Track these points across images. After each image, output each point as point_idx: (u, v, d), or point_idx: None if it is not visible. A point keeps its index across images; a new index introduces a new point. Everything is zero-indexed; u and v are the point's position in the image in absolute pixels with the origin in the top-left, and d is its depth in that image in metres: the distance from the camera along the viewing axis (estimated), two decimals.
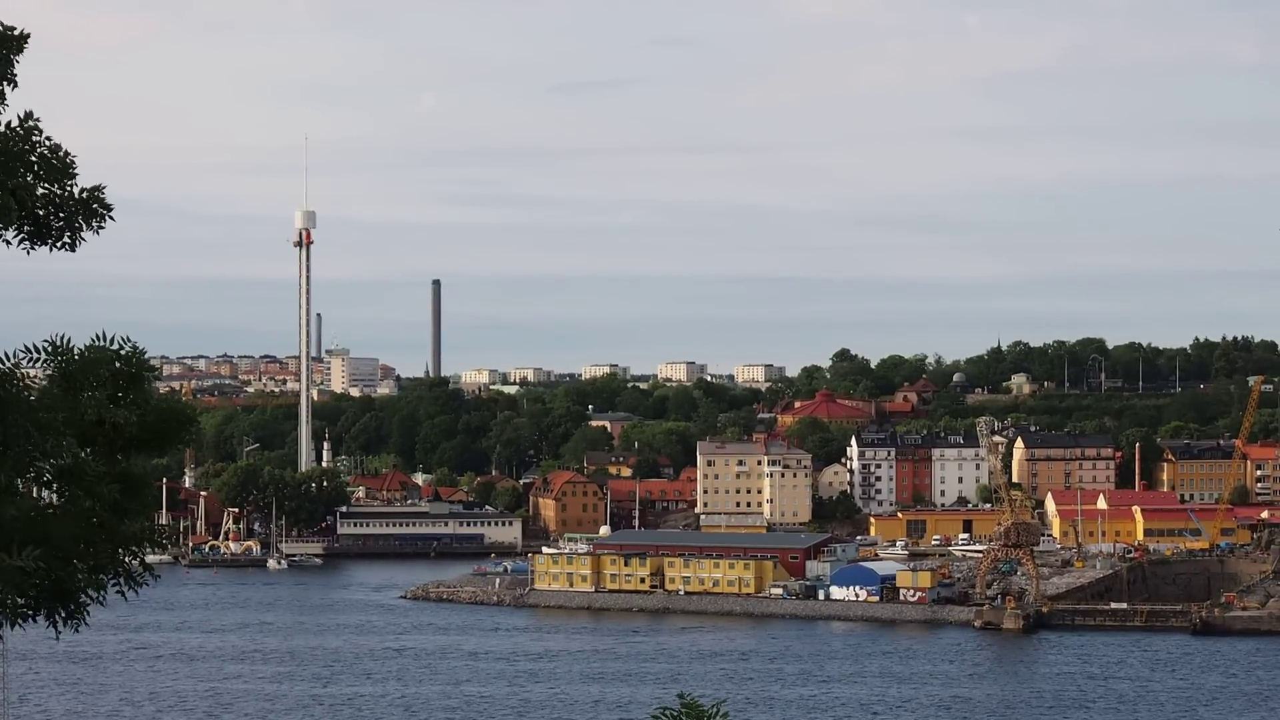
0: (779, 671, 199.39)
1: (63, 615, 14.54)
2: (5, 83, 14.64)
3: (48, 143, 14.62)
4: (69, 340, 14.63)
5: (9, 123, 14.55)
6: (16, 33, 14.59)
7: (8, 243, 14.67)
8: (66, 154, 14.68)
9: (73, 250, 14.98)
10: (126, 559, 14.90)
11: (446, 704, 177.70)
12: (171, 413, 14.98)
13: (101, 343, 14.57)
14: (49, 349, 14.47)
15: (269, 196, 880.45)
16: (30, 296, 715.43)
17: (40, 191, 14.67)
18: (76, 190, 14.83)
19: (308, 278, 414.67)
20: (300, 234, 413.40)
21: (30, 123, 14.54)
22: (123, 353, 14.73)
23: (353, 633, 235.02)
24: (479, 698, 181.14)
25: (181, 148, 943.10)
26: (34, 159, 14.52)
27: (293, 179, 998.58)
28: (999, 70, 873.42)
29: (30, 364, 14.49)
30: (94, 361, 14.51)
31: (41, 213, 14.68)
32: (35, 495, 14.45)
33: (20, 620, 14.38)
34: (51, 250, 14.84)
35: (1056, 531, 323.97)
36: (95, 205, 14.89)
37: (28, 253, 14.82)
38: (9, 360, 14.33)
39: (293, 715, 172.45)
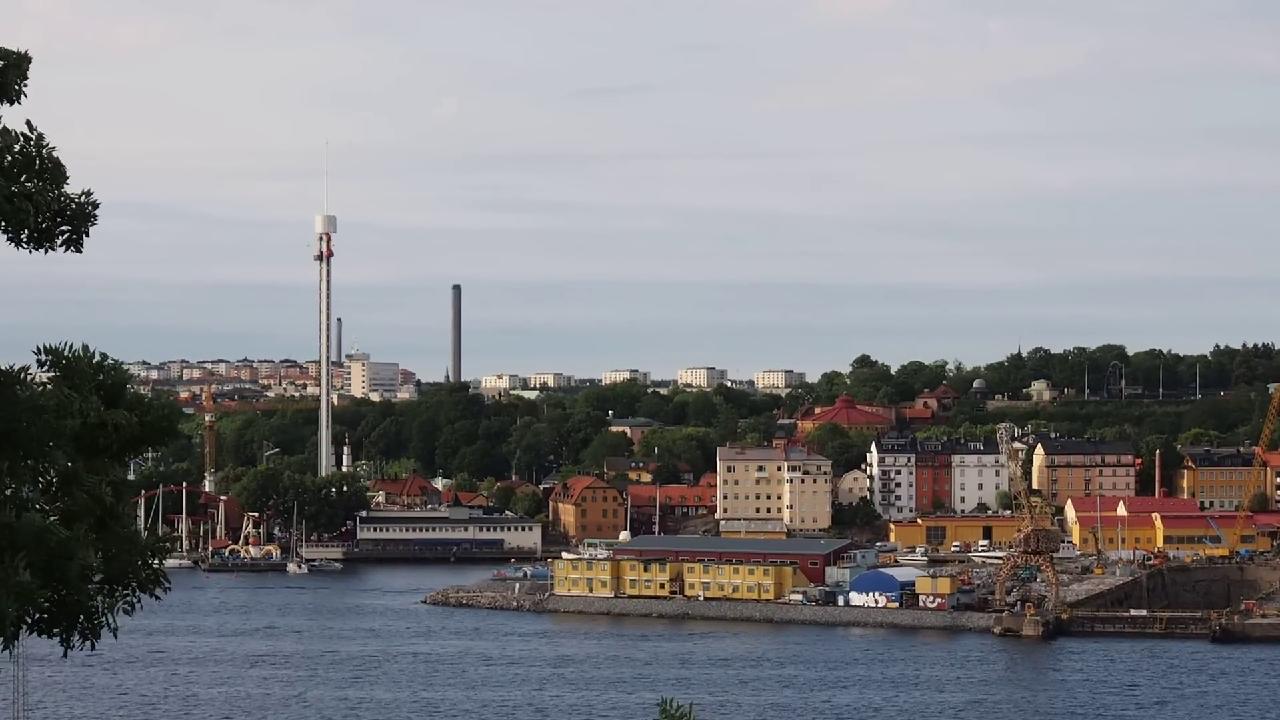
0: (795, 677, 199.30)
1: (77, 632, 14.73)
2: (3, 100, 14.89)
3: (48, 150, 14.85)
4: (71, 345, 14.86)
5: (16, 130, 14.76)
6: (16, 55, 14.88)
7: (19, 245, 14.89)
8: (57, 158, 14.94)
9: (79, 251, 15.21)
10: (143, 570, 15.10)
11: (465, 709, 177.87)
12: (165, 411, 15.27)
13: (84, 354, 14.83)
14: (50, 353, 14.69)
15: (290, 201, 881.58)
16: (50, 300, 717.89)
17: (47, 196, 14.91)
18: (73, 194, 15.07)
19: (328, 283, 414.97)
20: (321, 239, 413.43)
21: (36, 131, 14.78)
22: (106, 364, 14.99)
23: (372, 637, 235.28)
24: (498, 703, 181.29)
25: (202, 152, 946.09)
26: (37, 165, 14.76)
27: (314, 184, 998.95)
28: (1020, 77, 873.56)
29: (38, 367, 14.71)
30: (84, 370, 14.75)
31: (45, 215, 14.91)
32: (42, 502, 14.63)
33: (29, 634, 14.61)
34: (47, 252, 15.03)
35: (1076, 538, 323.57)
36: (88, 208, 15.15)
37: (30, 253, 15.03)
38: (24, 373, 14.55)
39: (312, 719, 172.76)
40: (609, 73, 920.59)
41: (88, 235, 15.23)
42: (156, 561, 15.21)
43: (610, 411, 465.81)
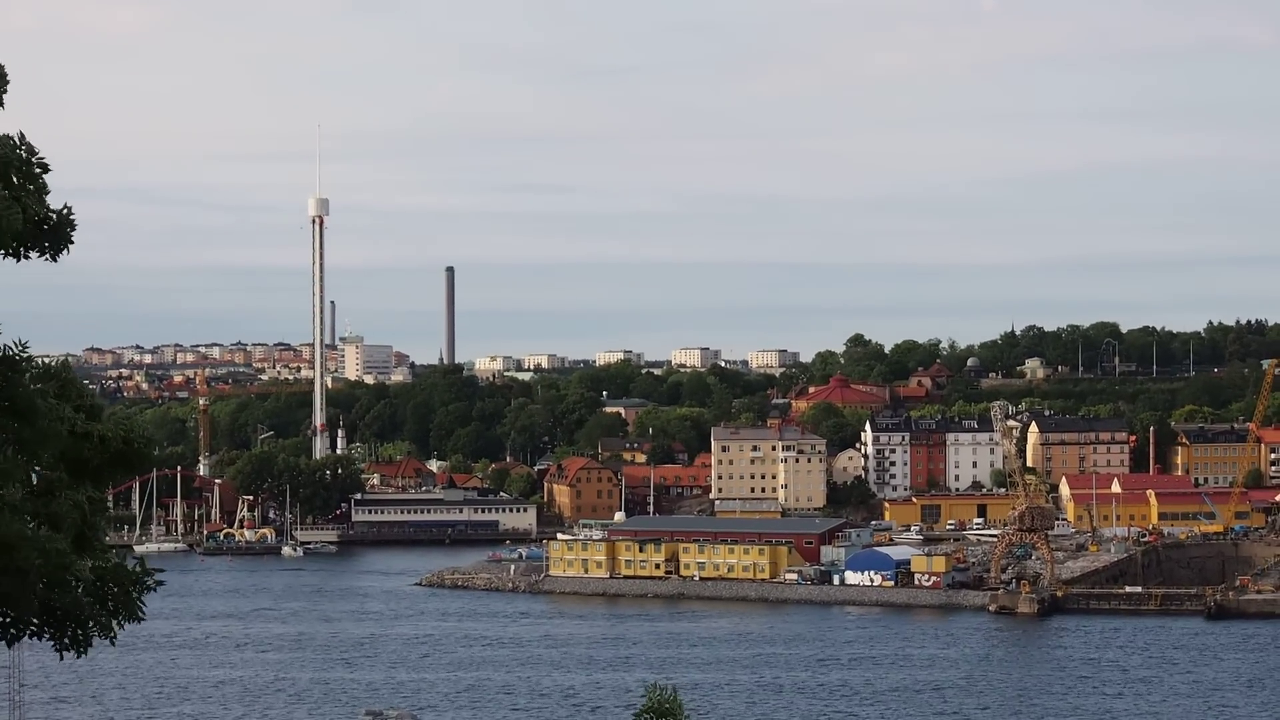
0: (791, 657, 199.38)
1: (68, 639, 14.86)
2: None
3: (37, 159, 14.83)
4: (65, 360, 14.96)
5: (8, 136, 14.76)
6: None
7: (5, 253, 14.88)
8: (45, 170, 14.94)
9: (54, 261, 15.21)
10: (128, 603, 15.23)
11: (459, 690, 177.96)
12: (144, 435, 15.41)
13: (67, 369, 14.94)
14: (40, 368, 14.77)
15: (282, 184, 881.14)
16: (45, 285, 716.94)
17: (35, 202, 14.92)
18: (55, 206, 15.07)
19: (321, 265, 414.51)
20: (313, 222, 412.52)
21: (25, 142, 14.78)
22: (87, 388, 15.17)
23: (367, 619, 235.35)
24: (492, 684, 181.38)
25: (195, 135, 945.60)
26: (26, 173, 14.77)
27: (306, 166, 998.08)
28: (1014, 54, 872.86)
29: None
30: (70, 380, 14.84)
31: (31, 221, 14.92)
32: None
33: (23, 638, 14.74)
34: (19, 260, 15.02)
35: (1071, 516, 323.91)
36: (68, 226, 15.15)
37: (16, 260, 15.04)
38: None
39: (306, 701, 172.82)
40: (602, 53, 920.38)
41: (67, 250, 15.21)
42: (139, 597, 15.38)
43: (604, 392, 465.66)
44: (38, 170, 14.80)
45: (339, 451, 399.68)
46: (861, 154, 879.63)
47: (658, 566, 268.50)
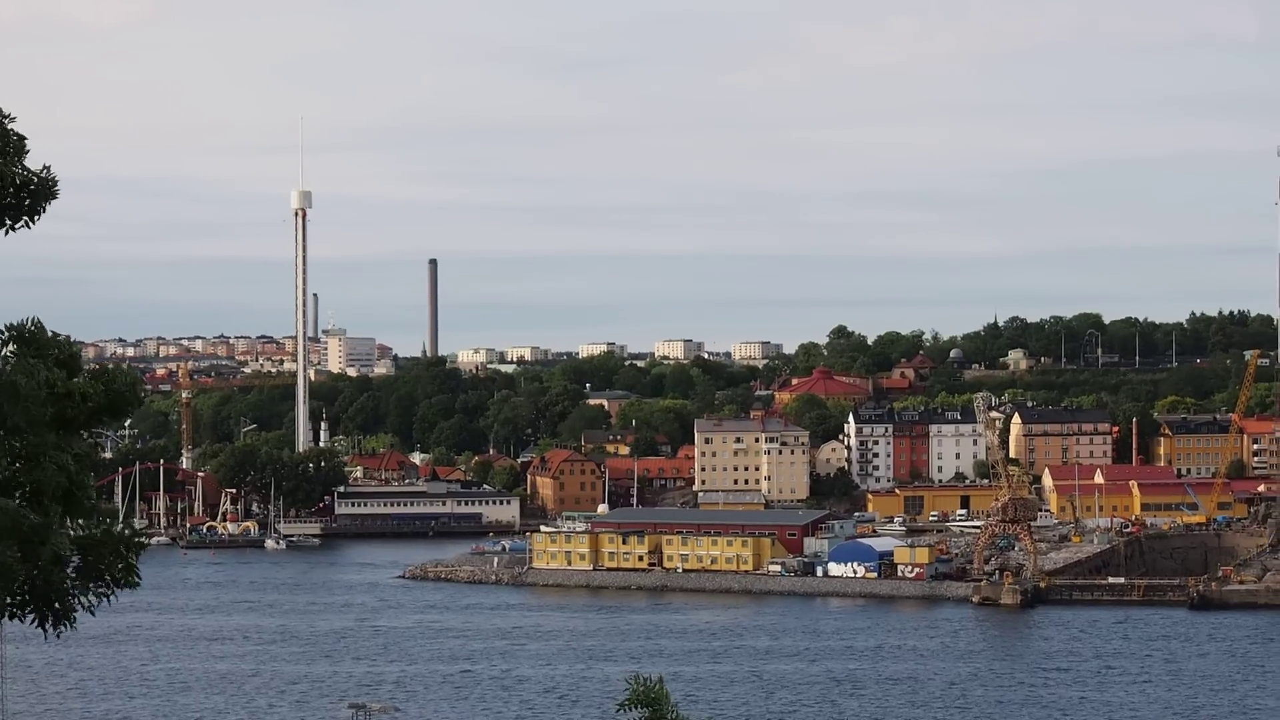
0: (774, 649, 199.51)
1: (51, 617, 14.72)
2: None
3: (9, 121, 14.68)
4: (38, 321, 14.79)
5: None
6: None
7: None
8: (18, 133, 14.77)
9: (29, 227, 15.08)
10: (118, 564, 15.08)
11: (443, 682, 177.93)
12: (128, 380, 15.30)
13: (41, 329, 14.80)
14: (12, 329, 14.62)
15: (265, 176, 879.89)
16: (28, 278, 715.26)
17: (11, 170, 14.77)
18: (34, 169, 14.91)
19: (304, 257, 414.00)
20: (296, 215, 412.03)
21: None
22: (59, 339, 15.00)
23: (350, 612, 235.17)
24: (475, 676, 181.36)
25: (178, 128, 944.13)
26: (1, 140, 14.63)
27: (289, 159, 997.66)
28: (1000, 47, 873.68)
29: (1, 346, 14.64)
30: (44, 342, 14.69)
31: (11, 190, 14.79)
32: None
33: (8, 618, 14.59)
34: (8, 233, 14.90)
35: (1054, 507, 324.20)
36: (50, 184, 15.01)
37: (5, 234, 14.93)
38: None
39: (289, 694, 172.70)
40: (587, 44, 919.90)
41: (44, 211, 15.09)
42: (132, 557, 15.21)
43: (587, 384, 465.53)
44: (11, 135, 14.65)
45: (322, 444, 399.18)
46: (845, 146, 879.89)
47: (641, 559, 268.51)
